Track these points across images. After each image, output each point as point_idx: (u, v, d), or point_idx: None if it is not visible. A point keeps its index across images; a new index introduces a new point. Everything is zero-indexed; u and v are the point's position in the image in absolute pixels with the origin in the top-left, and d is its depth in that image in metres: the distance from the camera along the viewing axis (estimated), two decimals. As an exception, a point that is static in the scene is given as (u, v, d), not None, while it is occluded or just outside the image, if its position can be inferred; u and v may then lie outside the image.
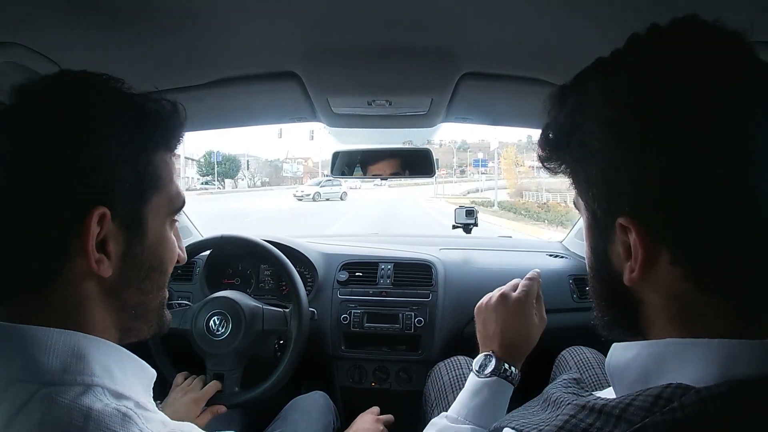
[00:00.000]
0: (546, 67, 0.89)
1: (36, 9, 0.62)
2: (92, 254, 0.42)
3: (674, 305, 0.38)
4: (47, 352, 0.40)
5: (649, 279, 0.38)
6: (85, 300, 0.43)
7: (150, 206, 0.46)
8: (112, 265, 0.43)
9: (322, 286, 1.44)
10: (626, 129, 0.37)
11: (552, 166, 0.44)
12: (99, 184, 0.42)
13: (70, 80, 0.45)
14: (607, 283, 0.43)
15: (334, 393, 1.37)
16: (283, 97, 1.06)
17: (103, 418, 0.38)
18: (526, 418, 0.44)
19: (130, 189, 0.44)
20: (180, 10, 0.68)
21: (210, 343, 1.09)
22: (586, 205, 0.42)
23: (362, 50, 0.83)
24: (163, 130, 0.48)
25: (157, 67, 0.86)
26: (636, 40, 0.39)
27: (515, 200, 23.24)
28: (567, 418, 0.37)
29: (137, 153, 0.45)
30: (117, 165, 0.43)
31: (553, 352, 1.23)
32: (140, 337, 0.50)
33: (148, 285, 0.48)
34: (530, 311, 0.74)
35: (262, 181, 50.72)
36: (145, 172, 0.45)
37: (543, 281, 0.80)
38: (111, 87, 0.46)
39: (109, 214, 0.42)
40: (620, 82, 0.38)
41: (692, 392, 0.33)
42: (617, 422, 0.34)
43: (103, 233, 0.42)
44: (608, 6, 0.65)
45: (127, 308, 0.47)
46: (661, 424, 0.32)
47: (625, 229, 0.38)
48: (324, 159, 40.86)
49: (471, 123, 1.30)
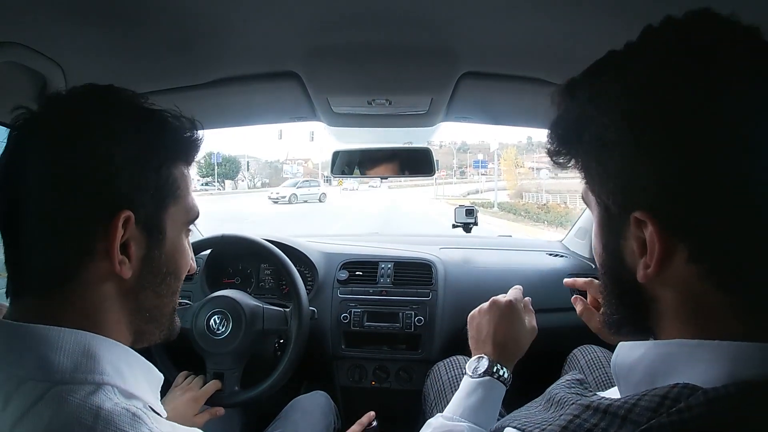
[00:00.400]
0: (546, 66, 0.90)
1: (37, 9, 0.62)
2: (116, 256, 0.44)
3: (688, 303, 0.37)
4: (59, 351, 0.41)
5: (664, 275, 0.37)
6: (103, 300, 0.45)
7: (168, 214, 0.49)
8: (132, 267, 0.45)
9: (322, 286, 1.44)
10: (645, 122, 0.36)
11: (562, 160, 0.43)
12: (125, 189, 0.44)
13: (98, 92, 0.47)
14: (618, 280, 0.42)
15: (334, 392, 1.38)
16: (283, 96, 1.06)
17: (113, 417, 0.38)
18: (528, 418, 0.44)
19: (153, 196, 0.47)
20: (180, 10, 0.68)
21: (210, 342, 1.09)
22: (599, 200, 0.41)
23: (362, 49, 0.83)
24: (184, 145, 0.51)
25: (157, 67, 0.86)
26: (652, 32, 0.38)
27: (515, 201, 23.26)
28: (571, 418, 0.36)
29: (160, 163, 0.47)
30: (142, 172, 0.45)
31: (555, 352, 1.23)
32: (152, 341, 0.52)
33: (164, 289, 0.50)
34: (521, 314, 0.80)
35: (263, 183, 50.68)
36: (166, 182, 0.48)
37: (543, 280, 0.81)
38: (136, 101, 0.49)
39: (133, 217, 0.44)
40: (638, 75, 0.37)
41: (699, 393, 0.32)
42: (623, 423, 0.33)
43: (126, 236, 0.44)
44: (608, 6, 0.66)
45: (143, 311, 0.49)
46: (667, 425, 0.31)
47: (640, 224, 0.37)
48: (324, 160, 40.82)
49: (471, 122, 1.30)
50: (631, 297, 0.41)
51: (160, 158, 0.47)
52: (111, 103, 0.47)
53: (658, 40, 0.38)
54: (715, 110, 0.34)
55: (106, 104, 0.47)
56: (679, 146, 0.35)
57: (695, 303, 0.36)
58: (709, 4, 0.37)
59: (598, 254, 0.44)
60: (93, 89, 0.47)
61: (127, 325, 0.47)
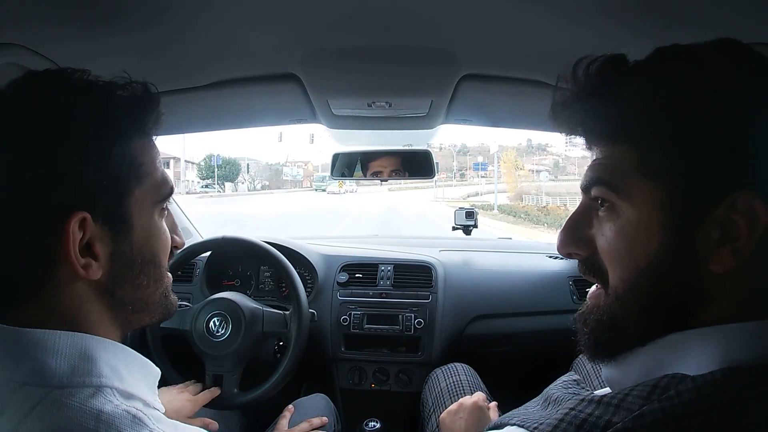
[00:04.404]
0: (546, 68, 0.90)
1: (37, 10, 0.62)
2: (76, 260, 0.40)
3: (752, 288, 0.36)
4: (54, 354, 0.40)
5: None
6: (79, 302, 0.43)
7: (133, 199, 0.44)
8: (101, 267, 0.42)
9: (322, 288, 1.44)
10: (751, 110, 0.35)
11: (611, 152, 0.40)
12: (73, 188, 0.40)
13: (33, 81, 0.43)
14: (662, 285, 0.38)
15: (334, 394, 1.37)
16: (283, 98, 1.06)
17: (114, 420, 0.38)
18: (527, 416, 0.44)
19: (108, 186, 0.42)
20: (181, 12, 0.68)
21: (210, 344, 1.09)
22: (667, 195, 0.38)
23: (362, 52, 0.83)
24: (134, 116, 0.45)
25: (157, 69, 0.86)
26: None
27: (515, 204, 23.28)
28: (567, 411, 0.37)
29: (109, 147, 0.42)
30: (89, 165, 0.41)
31: (555, 354, 1.23)
32: (143, 324, 0.49)
33: (143, 279, 0.46)
34: (486, 413, 0.88)
35: (263, 185, 50.75)
36: (122, 165, 0.43)
37: (543, 282, 0.82)
38: (73, 81, 0.43)
39: (89, 217, 0.41)
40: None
41: (687, 380, 0.33)
42: (616, 410, 0.34)
43: (87, 236, 0.41)
44: (608, 7, 0.66)
45: (125, 305, 0.46)
46: (659, 410, 0.32)
47: (731, 208, 0.35)
48: (324, 162, 40.92)
49: (471, 125, 1.30)
50: (667, 301, 0.38)
51: (108, 139, 0.42)
52: (44, 90, 0.42)
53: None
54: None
55: (40, 92, 0.41)
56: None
57: (758, 287, 0.36)
58: (710, 4, 0.37)
59: (635, 264, 0.39)
60: (29, 78, 0.43)
61: (111, 320, 0.45)
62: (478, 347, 1.44)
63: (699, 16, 0.62)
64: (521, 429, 0.39)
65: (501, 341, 1.44)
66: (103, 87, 0.44)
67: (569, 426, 0.35)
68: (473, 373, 1.20)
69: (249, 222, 13.15)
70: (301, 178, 57.37)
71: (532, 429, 0.38)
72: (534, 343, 1.43)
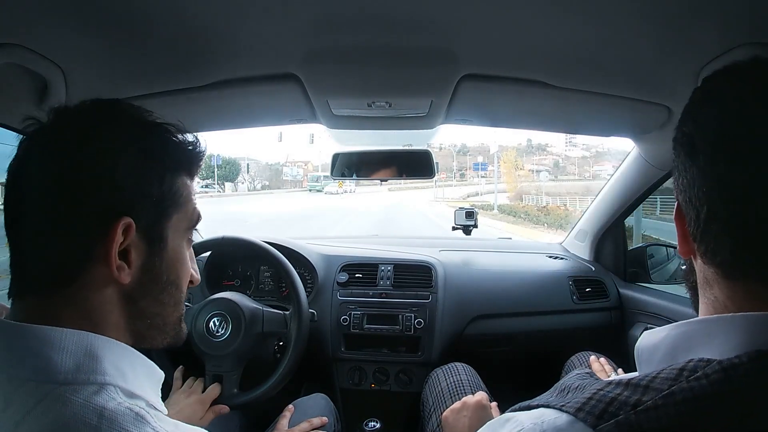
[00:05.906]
0: (545, 68, 0.90)
1: (38, 10, 0.62)
2: (114, 261, 0.44)
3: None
4: (60, 351, 0.41)
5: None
6: (104, 303, 0.45)
7: (171, 223, 0.50)
8: (131, 274, 0.46)
9: (322, 288, 1.44)
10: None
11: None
12: (127, 197, 0.45)
13: (104, 106, 0.49)
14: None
15: (334, 394, 1.37)
16: (283, 98, 1.06)
17: (117, 417, 0.39)
18: (548, 401, 0.44)
19: (155, 204, 0.48)
20: (181, 13, 0.68)
21: (209, 344, 1.09)
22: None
23: (362, 52, 0.83)
24: (188, 158, 0.52)
25: (157, 69, 0.86)
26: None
27: (515, 204, 23.29)
28: (595, 391, 0.38)
29: (163, 173, 0.49)
30: (144, 182, 0.47)
31: (554, 353, 1.23)
32: (154, 345, 0.52)
33: (165, 297, 0.50)
34: (489, 411, 0.89)
35: (263, 185, 50.75)
36: (169, 191, 0.49)
37: (542, 282, 0.82)
38: (140, 115, 0.50)
39: (134, 225, 0.45)
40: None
41: (714, 363, 0.34)
42: (645, 390, 0.35)
43: (126, 243, 0.45)
44: (608, 7, 0.66)
45: (144, 317, 0.49)
46: (688, 390, 0.34)
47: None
48: (324, 162, 40.89)
49: (471, 125, 1.30)
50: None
51: (163, 169, 0.49)
52: (115, 116, 0.49)
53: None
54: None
55: (111, 117, 0.49)
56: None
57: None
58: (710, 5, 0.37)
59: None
60: (100, 103, 0.49)
61: (127, 328, 0.48)
62: (478, 347, 1.44)
63: (699, 16, 0.62)
64: (551, 409, 0.40)
65: (501, 341, 1.45)
66: (162, 127, 0.51)
67: (598, 403, 0.37)
68: (474, 373, 1.20)
69: (248, 222, 13.14)
70: (301, 178, 57.37)
71: (559, 407, 0.39)
72: (534, 343, 1.43)
